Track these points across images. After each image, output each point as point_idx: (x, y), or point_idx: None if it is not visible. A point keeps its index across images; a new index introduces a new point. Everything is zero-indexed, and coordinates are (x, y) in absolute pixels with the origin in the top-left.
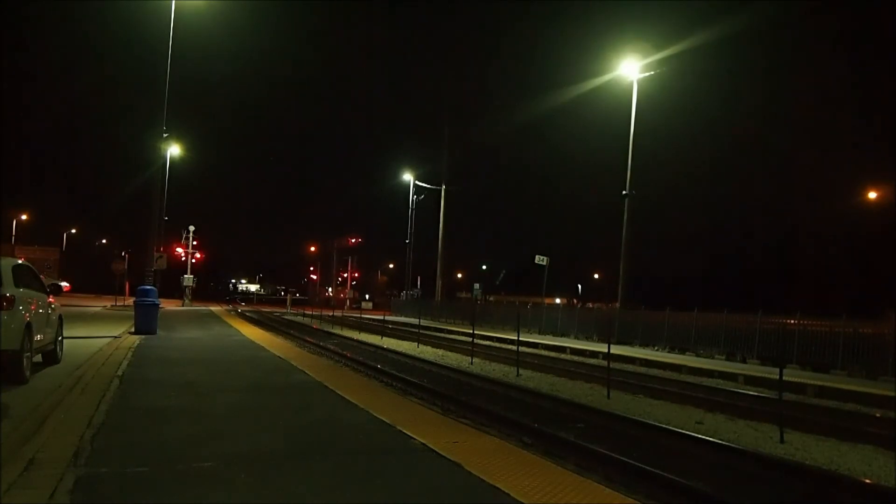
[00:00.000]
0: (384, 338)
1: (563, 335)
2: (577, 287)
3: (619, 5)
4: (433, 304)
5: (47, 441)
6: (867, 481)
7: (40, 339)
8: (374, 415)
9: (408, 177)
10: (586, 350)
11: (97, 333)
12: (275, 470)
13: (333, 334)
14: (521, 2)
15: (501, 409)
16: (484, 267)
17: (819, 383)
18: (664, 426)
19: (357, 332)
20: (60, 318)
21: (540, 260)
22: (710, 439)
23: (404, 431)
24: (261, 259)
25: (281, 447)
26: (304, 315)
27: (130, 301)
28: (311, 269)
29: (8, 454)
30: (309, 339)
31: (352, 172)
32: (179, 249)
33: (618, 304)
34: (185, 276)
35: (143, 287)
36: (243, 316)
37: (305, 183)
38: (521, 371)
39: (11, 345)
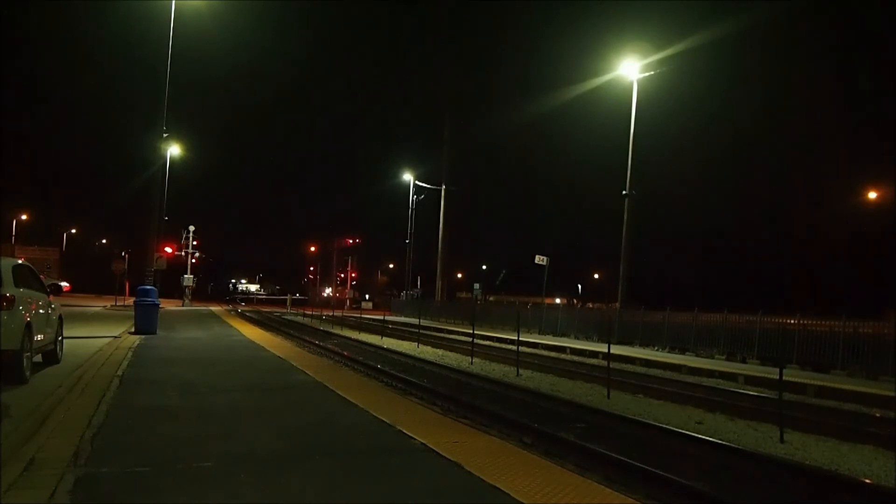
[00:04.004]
0: (384, 338)
1: (562, 335)
2: (577, 287)
3: (619, 5)
4: (433, 304)
5: (47, 441)
6: (867, 481)
7: (40, 339)
8: (374, 415)
9: (408, 177)
10: (586, 350)
11: (97, 333)
12: (275, 470)
13: (333, 334)
14: (522, 2)
15: (501, 409)
16: (484, 267)
17: (819, 383)
18: (664, 426)
19: (357, 332)
20: (60, 318)
21: (540, 260)
22: (710, 439)
23: (404, 431)
24: (261, 259)
25: (281, 447)
26: (304, 315)
27: (130, 301)
28: (311, 269)
29: (8, 454)
30: (309, 339)
31: (352, 172)
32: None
33: (618, 304)
34: (185, 276)
35: (143, 287)
36: (243, 316)
37: (305, 183)
38: (521, 371)
39: (11, 345)
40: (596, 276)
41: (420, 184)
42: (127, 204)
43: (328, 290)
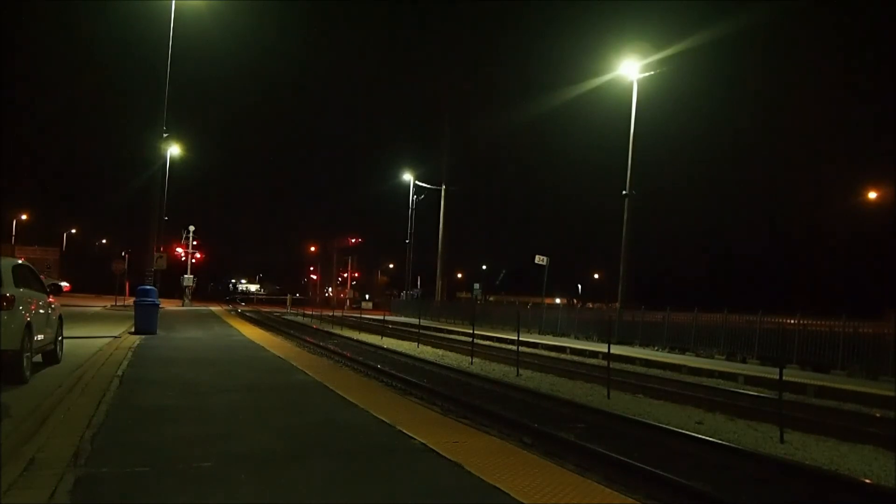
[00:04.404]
0: (384, 338)
1: (562, 335)
2: (577, 287)
3: (619, 5)
4: (433, 304)
5: (47, 441)
6: (867, 481)
7: (40, 339)
8: (375, 415)
9: (408, 177)
10: (586, 350)
11: (97, 333)
12: (275, 470)
13: (333, 334)
14: (522, 1)
15: (501, 409)
16: (484, 267)
17: (819, 383)
18: (664, 426)
19: (357, 332)
20: (60, 318)
21: (540, 260)
22: (710, 439)
23: (404, 431)
24: (261, 259)
25: (281, 447)
26: (304, 315)
27: (130, 301)
28: (311, 269)
29: (8, 454)
30: (309, 340)
31: (352, 172)
32: (179, 249)
33: (618, 304)
34: (185, 276)
35: (143, 287)
36: (243, 316)
37: (305, 183)
38: (521, 371)
39: (11, 345)
40: (596, 276)
41: (420, 184)
42: (127, 204)
43: (328, 290)
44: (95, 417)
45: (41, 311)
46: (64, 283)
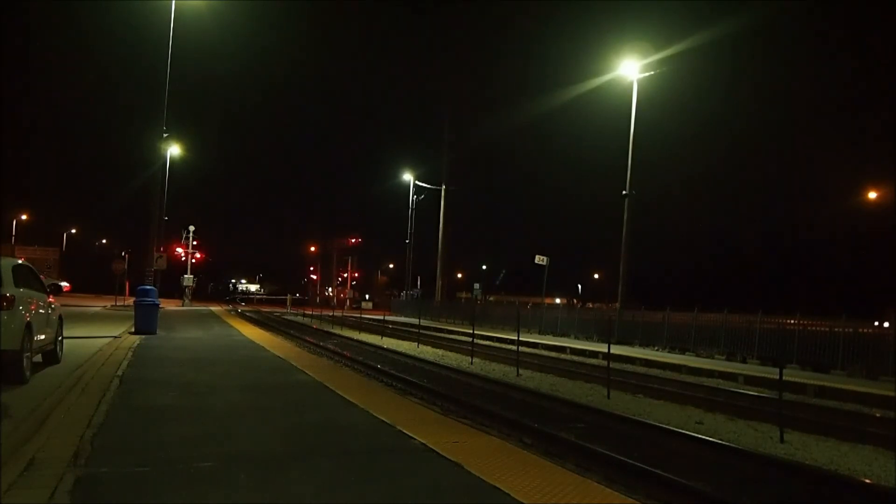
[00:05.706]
0: (384, 338)
1: (562, 335)
2: (577, 287)
3: (619, 5)
4: (433, 304)
5: (47, 441)
6: (867, 481)
7: (40, 339)
8: (374, 415)
9: (408, 177)
10: (586, 350)
11: (97, 333)
12: (275, 470)
13: (333, 334)
14: (522, 1)
15: (501, 409)
16: (484, 267)
17: (819, 383)
18: (664, 426)
19: (357, 332)
20: (60, 318)
21: (540, 260)
22: (710, 439)
23: (404, 431)
24: (261, 259)
25: (281, 447)
26: (304, 315)
27: (130, 301)
28: (311, 269)
29: (8, 454)
30: (309, 339)
31: (352, 172)
32: (179, 249)
33: (618, 304)
34: (185, 276)
35: (143, 287)
36: (243, 316)
37: (306, 183)
38: (521, 371)
39: (11, 345)
40: (596, 276)
41: (420, 184)
42: (127, 204)
43: (328, 290)
44: (95, 417)
45: (41, 311)
46: (64, 283)
